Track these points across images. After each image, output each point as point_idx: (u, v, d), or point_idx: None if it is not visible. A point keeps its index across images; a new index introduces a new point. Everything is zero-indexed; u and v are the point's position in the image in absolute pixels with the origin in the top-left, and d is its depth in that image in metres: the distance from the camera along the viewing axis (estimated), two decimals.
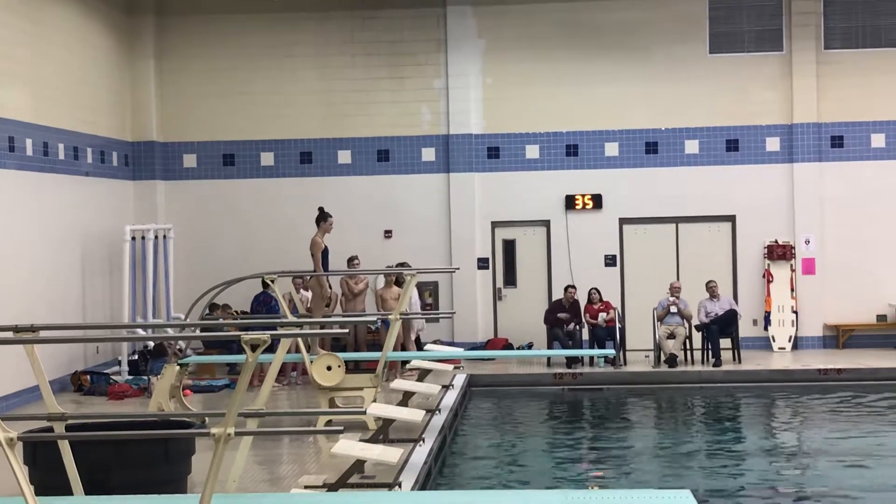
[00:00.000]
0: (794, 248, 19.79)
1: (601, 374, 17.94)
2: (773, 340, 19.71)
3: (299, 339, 13.85)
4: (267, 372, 7.73)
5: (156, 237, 18.77)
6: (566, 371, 17.91)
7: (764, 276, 19.85)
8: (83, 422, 8.76)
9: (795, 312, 19.73)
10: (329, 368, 12.46)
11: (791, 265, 19.79)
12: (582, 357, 18.22)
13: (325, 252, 15.36)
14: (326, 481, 9.64)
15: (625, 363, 18.31)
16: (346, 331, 16.85)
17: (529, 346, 19.50)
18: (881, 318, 19.79)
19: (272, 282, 13.75)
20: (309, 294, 16.39)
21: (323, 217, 15.48)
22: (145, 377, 16.26)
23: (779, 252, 19.76)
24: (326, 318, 14.81)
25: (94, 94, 18.35)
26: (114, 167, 19.03)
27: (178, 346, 13.67)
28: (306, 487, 9.52)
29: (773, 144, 19.91)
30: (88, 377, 16.62)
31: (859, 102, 19.82)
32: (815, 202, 19.82)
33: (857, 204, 19.80)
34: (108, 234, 18.11)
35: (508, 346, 19.62)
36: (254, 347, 6.11)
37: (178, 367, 12.66)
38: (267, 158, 20.28)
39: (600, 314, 18.58)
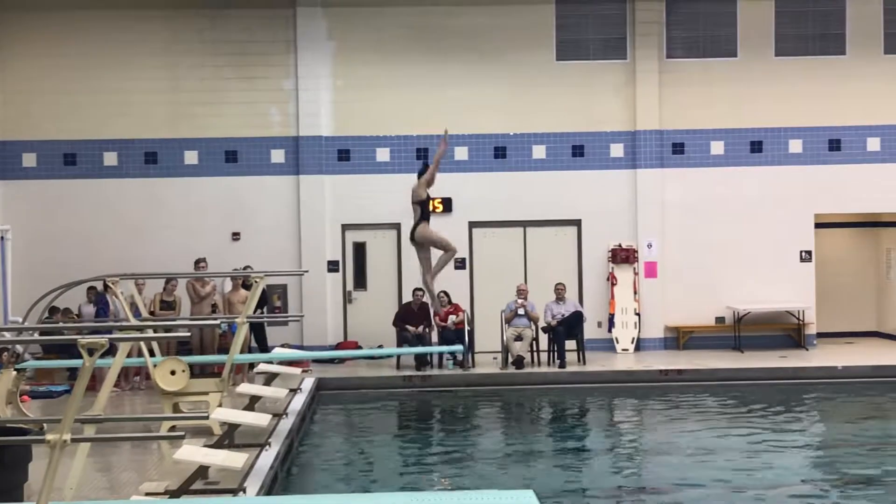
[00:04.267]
0: (636, 251, 20.29)
1: (450, 376, 18.08)
2: (617, 342, 20.15)
3: (142, 343, 13.55)
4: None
5: None
6: (415, 374, 17.99)
7: (608, 279, 20.29)
8: None
9: (638, 315, 20.23)
10: (173, 373, 12.24)
11: (634, 268, 20.28)
12: (431, 360, 18.33)
13: None
14: (168, 488, 9.46)
15: (473, 365, 18.49)
16: (189, 334, 16.52)
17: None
18: (719, 319, 20.45)
19: (114, 284, 13.40)
20: None
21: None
22: None
23: (622, 256, 20.22)
24: (170, 321, 14.51)
25: None
26: None
27: (14, 351, 13.22)
28: (147, 494, 9.34)
29: (617, 150, 20.36)
30: None
31: (699, 111, 20.44)
32: (656, 207, 20.34)
33: (697, 209, 20.41)
34: None
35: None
36: (91, 351, 5.98)
37: (14, 373, 12.25)
38: (110, 158, 19.80)
39: (450, 317, 18.72)
